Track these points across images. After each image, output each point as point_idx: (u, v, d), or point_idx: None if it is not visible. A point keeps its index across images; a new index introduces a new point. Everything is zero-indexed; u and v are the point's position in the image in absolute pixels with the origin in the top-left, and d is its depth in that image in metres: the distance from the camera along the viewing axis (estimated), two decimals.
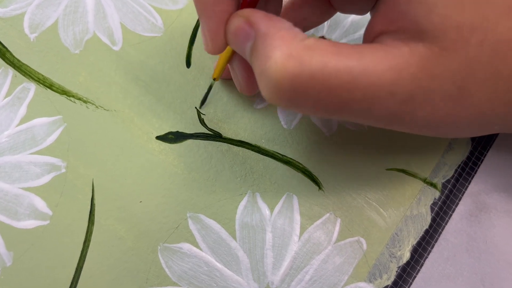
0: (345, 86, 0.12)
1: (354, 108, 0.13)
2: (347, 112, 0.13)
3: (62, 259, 0.19)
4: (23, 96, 0.22)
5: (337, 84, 0.12)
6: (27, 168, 0.20)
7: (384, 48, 0.13)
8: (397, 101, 0.13)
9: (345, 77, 0.12)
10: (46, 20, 0.23)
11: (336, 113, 0.13)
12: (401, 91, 0.13)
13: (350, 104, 0.13)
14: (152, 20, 0.24)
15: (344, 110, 0.13)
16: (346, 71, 0.12)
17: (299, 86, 0.13)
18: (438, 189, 0.21)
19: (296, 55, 0.12)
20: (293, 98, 0.13)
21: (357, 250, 0.20)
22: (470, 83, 0.13)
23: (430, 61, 0.12)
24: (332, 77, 0.12)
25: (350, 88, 0.12)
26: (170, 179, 0.20)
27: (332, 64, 0.12)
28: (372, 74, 0.12)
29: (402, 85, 0.13)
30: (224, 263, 0.19)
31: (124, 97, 0.22)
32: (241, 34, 0.14)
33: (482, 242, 0.20)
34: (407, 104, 0.13)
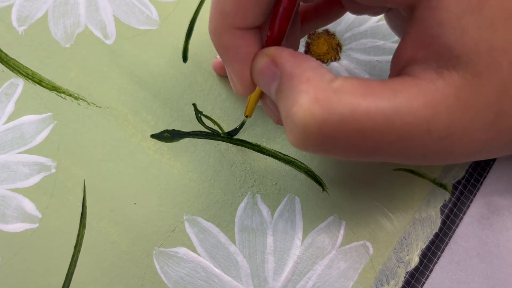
0: (378, 128, 0.12)
1: (389, 150, 0.13)
2: (382, 155, 0.13)
3: (52, 264, 0.18)
4: (11, 92, 0.21)
5: (369, 127, 0.12)
6: (15, 168, 0.19)
7: (416, 83, 0.12)
8: (434, 139, 0.12)
9: (377, 119, 0.12)
10: (35, 13, 0.22)
11: (369, 156, 0.13)
12: (439, 128, 0.12)
13: (384, 147, 0.13)
14: (147, 13, 0.23)
15: (378, 153, 0.13)
16: (378, 113, 0.12)
17: (328, 131, 0.12)
18: (448, 190, 0.21)
19: (323, 99, 0.12)
20: (322, 143, 0.13)
21: (362, 255, 0.19)
22: (506, 106, 0.12)
23: (466, 90, 0.12)
24: (364, 120, 0.12)
25: (383, 130, 0.12)
26: (166, 180, 0.20)
27: (362, 106, 0.12)
28: (407, 113, 0.12)
29: (439, 121, 0.12)
30: (223, 268, 0.18)
31: (117, 94, 0.21)
32: (267, 74, 0.14)
33: (494, 246, 0.19)
34: (446, 141, 0.13)
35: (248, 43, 0.14)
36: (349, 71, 0.23)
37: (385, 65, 0.23)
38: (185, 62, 0.22)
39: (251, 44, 0.14)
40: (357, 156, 0.13)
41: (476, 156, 0.14)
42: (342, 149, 0.13)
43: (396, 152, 0.13)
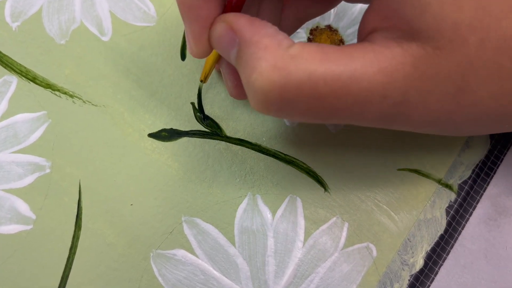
0: (334, 93, 0.12)
1: (345, 114, 0.13)
2: (339, 118, 0.13)
3: (46, 267, 0.18)
4: (4, 90, 0.20)
5: (326, 91, 0.12)
6: (9, 168, 0.19)
7: (374, 49, 0.13)
8: (390, 104, 0.13)
9: (333, 84, 0.12)
10: (29, 8, 0.22)
11: (327, 119, 0.14)
12: (394, 94, 0.13)
13: (341, 110, 0.13)
14: (144, 9, 0.23)
15: (335, 116, 0.13)
16: (334, 78, 0.12)
17: (287, 96, 0.13)
18: (454, 191, 0.20)
19: (281, 66, 0.12)
20: (282, 108, 0.13)
21: (366, 257, 0.19)
22: (471, 82, 0.13)
23: (424, 61, 0.12)
24: (320, 85, 0.12)
25: (339, 95, 0.13)
26: (164, 180, 0.19)
27: (319, 71, 0.12)
28: (362, 78, 0.12)
29: (395, 88, 0.13)
30: (222, 271, 0.18)
31: (113, 92, 0.21)
32: (225, 41, 0.14)
33: (501, 248, 0.19)
34: (400, 106, 0.13)
35: (210, 6, 0.15)
36: None
37: None
38: (183, 59, 0.22)
39: (213, 8, 0.15)
40: (316, 119, 0.14)
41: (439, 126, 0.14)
42: (301, 113, 0.13)
43: (353, 116, 0.13)
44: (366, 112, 0.13)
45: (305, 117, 0.14)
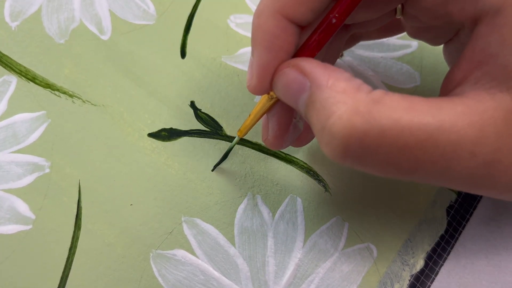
0: (420, 144, 0.12)
1: (429, 170, 0.12)
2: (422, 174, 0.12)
3: (46, 267, 0.18)
4: (4, 89, 0.20)
5: (411, 142, 0.12)
6: (8, 168, 0.19)
7: (464, 102, 0.12)
8: (479, 162, 0.12)
9: (420, 135, 0.11)
10: (28, 7, 0.22)
11: (408, 174, 0.12)
12: (484, 151, 0.12)
13: (425, 165, 0.12)
14: (144, 7, 0.22)
15: (418, 171, 0.12)
16: (420, 128, 0.11)
17: (368, 144, 0.12)
18: (455, 191, 0.20)
19: (363, 110, 0.12)
20: (361, 157, 0.12)
21: (366, 258, 0.19)
22: None
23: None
24: (405, 134, 0.11)
25: (426, 147, 0.12)
26: (164, 180, 0.19)
27: (404, 120, 0.11)
28: (451, 131, 0.11)
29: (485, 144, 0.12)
30: (222, 271, 0.18)
31: (113, 91, 0.21)
32: (295, 86, 0.13)
33: (502, 249, 0.19)
34: (490, 167, 0.12)
35: (287, 38, 0.14)
36: (352, 68, 0.22)
37: (389, 62, 0.22)
38: (183, 58, 0.22)
39: (289, 40, 0.14)
40: (397, 174, 0.13)
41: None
42: (381, 164, 0.12)
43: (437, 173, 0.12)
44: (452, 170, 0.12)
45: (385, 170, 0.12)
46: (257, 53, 0.14)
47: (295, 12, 0.13)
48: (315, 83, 0.13)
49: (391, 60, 0.22)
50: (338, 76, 0.13)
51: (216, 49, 0.22)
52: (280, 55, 0.14)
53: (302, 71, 0.13)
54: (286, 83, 0.14)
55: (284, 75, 0.14)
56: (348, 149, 0.12)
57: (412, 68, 0.22)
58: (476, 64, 0.12)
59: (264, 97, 0.16)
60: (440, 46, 0.18)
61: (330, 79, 0.13)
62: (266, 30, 0.14)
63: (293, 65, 0.14)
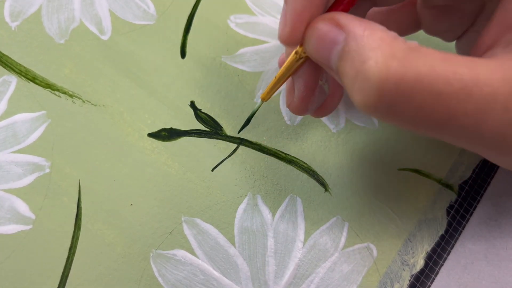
0: (456, 94, 0.11)
1: (461, 123, 0.12)
2: (453, 127, 0.12)
3: (46, 268, 0.18)
4: (4, 89, 0.20)
5: (446, 90, 0.11)
6: (8, 168, 0.19)
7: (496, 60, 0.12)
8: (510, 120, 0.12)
9: (455, 85, 0.11)
10: (28, 7, 0.22)
11: (439, 127, 0.12)
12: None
13: (458, 117, 0.12)
14: (144, 7, 0.22)
15: (450, 123, 0.12)
16: (456, 78, 0.11)
17: (403, 89, 0.11)
18: (455, 191, 0.20)
19: (400, 56, 0.11)
20: (395, 104, 0.12)
21: (366, 257, 0.18)
22: None
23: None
24: (441, 83, 0.11)
25: (460, 97, 0.11)
26: (164, 180, 0.19)
27: (441, 68, 0.11)
28: (485, 83, 0.11)
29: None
30: (222, 271, 0.18)
31: (113, 91, 0.21)
32: (328, 38, 0.13)
33: (502, 249, 0.19)
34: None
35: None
36: None
37: None
38: (183, 58, 0.22)
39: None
40: (427, 125, 0.12)
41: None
42: (414, 113, 0.12)
43: (469, 127, 0.12)
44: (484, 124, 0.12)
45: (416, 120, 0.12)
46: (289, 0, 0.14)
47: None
48: (351, 34, 0.12)
49: None
50: (374, 27, 0.12)
51: (216, 49, 0.22)
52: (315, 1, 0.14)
53: (337, 23, 0.13)
54: (319, 36, 0.13)
55: (317, 29, 0.13)
56: (382, 94, 0.12)
57: None
58: (506, 27, 0.12)
59: (292, 57, 0.15)
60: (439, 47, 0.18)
61: (366, 29, 0.12)
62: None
63: (328, 18, 0.13)
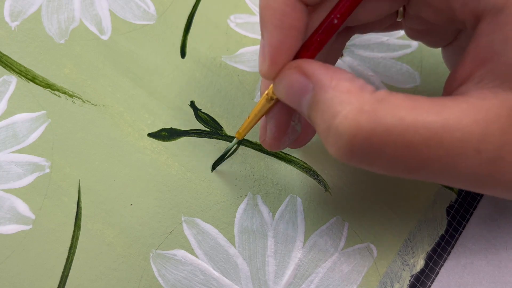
0: (426, 142, 0.12)
1: (434, 167, 0.12)
2: (427, 171, 0.12)
3: (45, 267, 0.18)
4: (4, 89, 0.20)
5: (416, 140, 0.12)
6: (8, 168, 0.19)
7: (468, 100, 0.12)
8: (483, 160, 0.12)
9: (425, 133, 0.12)
10: (28, 7, 0.22)
11: (414, 172, 0.13)
12: (489, 148, 0.12)
13: (430, 163, 0.12)
14: (144, 7, 0.22)
15: (424, 169, 0.12)
16: (425, 126, 0.12)
17: (374, 142, 0.12)
18: (455, 191, 0.20)
19: (368, 109, 0.12)
20: (367, 155, 0.12)
21: (366, 258, 0.18)
22: None
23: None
24: (410, 132, 0.12)
25: (431, 145, 0.12)
26: (164, 180, 0.19)
27: (409, 118, 0.12)
28: (456, 128, 0.12)
29: (490, 142, 0.12)
30: (222, 271, 0.18)
31: (113, 91, 0.21)
32: (297, 87, 0.13)
33: (502, 249, 0.19)
34: (494, 165, 0.12)
35: (296, 15, 0.14)
36: (352, 68, 0.22)
37: (389, 62, 0.22)
38: (183, 58, 0.22)
39: (298, 18, 0.14)
40: (402, 172, 0.13)
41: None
42: (387, 163, 0.12)
43: (442, 171, 0.12)
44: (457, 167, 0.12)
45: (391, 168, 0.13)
46: (267, 33, 0.14)
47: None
48: (319, 84, 0.13)
49: (391, 60, 0.22)
50: (340, 77, 0.13)
51: (216, 49, 0.22)
52: (292, 34, 0.14)
53: (304, 72, 0.13)
54: (288, 85, 0.14)
55: (286, 77, 0.14)
56: (354, 148, 0.12)
57: (412, 68, 0.22)
58: (479, 62, 0.12)
59: (263, 98, 0.15)
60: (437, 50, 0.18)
61: (333, 79, 0.13)
62: (274, 8, 0.14)
63: (294, 66, 0.14)
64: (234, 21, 0.23)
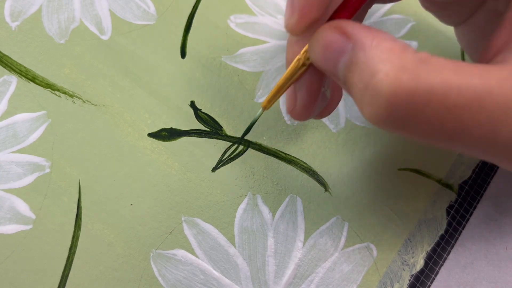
0: (468, 105, 0.11)
1: (475, 134, 0.12)
2: (467, 139, 0.12)
3: (46, 267, 0.18)
4: (4, 89, 0.20)
5: (459, 102, 0.11)
6: (8, 168, 0.19)
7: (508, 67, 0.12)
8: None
9: (468, 96, 0.11)
10: (28, 7, 0.22)
11: (452, 139, 0.12)
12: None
13: (471, 128, 0.11)
14: (144, 7, 0.22)
15: (463, 135, 0.12)
16: (469, 89, 0.11)
17: (415, 102, 0.11)
18: (455, 191, 0.20)
19: (411, 68, 0.11)
20: (407, 117, 0.12)
21: (366, 257, 0.18)
22: None
23: None
24: (453, 94, 0.11)
25: (474, 109, 0.11)
26: (164, 180, 0.19)
27: (453, 80, 0.11)
28: (499, 93, 0.11)
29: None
30: (222, 271, 0.18)
31: (113, 91, 0.21)
32: (334, 48, 0.13)
33: (502, 249, 0.19)
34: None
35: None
36: None
37: None
38: (183, 58, 0.22)
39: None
40: (440, 137, 0.12)
41: None
42: (426, 126, 0.12)
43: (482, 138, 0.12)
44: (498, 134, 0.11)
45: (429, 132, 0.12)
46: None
47: None
48: (359, 43, 0.12)
49: None
50: (383, 37, 0.12)
51: (216, 49, 0.22)
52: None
53: (344, 32, 0.13)
54: (325, 45, 0.13)
55: (324, 37, 0.13)
56: (393, 108, 0.11)
57: None
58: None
59: (294, 64, 0.15)
60: (439, 47, 0.18)
61: (374, 39, 0.12)
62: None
63: (334, 26, 0.13)
64: (234, 21, 0.23)
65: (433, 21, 0.23)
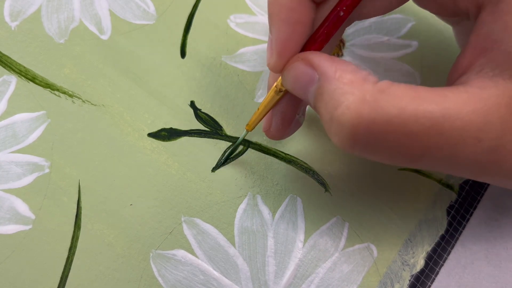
0: (426, 131, 0.12)
1: (435, 156, 0.12)
2: (428, 160, 0.13)
3: (45, 267, 0.18)
4: (3, 89, 0.20)
5: (417, 129, 0.12)
6: (8, 168, 0.19)
7: (468, 90, 0.12)
8: (484, 149, 0.12)
9: (425, 122, 0.12)
10: (28, 7, 0.22)
11: (415, 161, 0.13)
12: (489, 137, 0.12)
13: (431, 151, 0.12)
14: (144, 7, 0.22)
15: (425, 157, 0.13)
16: (426, 116, 0.12)
17: (376, 131, 0.12)
18: (455, 191, 0.20)
19: (370, 100, 0.12)
20: (368, 144, 0.13)
21: (366, 258, 0.18)
22: None
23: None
24: (411, 122, 0.12)
25: (431, 134, 0.12)
26: (163, 180, 0.19)
27: (410, 108, 0.12)
28: (456, 117, 0.12)
29: (490, 130, 0.12)
30: (222, 271, 0.18)
31: (113, 91, 0.21)
32: (305, 78, 0.14)
33: (502, 249, 0.19)
34: (495, 153, 0.12)
35: (303, 10, 0.14)
36: None
37: (389, 62, 0.22)
38: (183, 58, 0.22)
39: (305, 13, 0.14)
40: (404, 160, 0.13)
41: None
42: (389, 151, 0.13)
43: (443, 159, 0.12)
44: (458, 156, 0.12)
45: (393, 157, 0.13)
46: (275, 28, 0.14)
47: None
48: (324, 75, 0.13)
49: (391, 60, 0.22)
50: (344, 68, 0.13)
51: (216, 49, 0.22)
52: (298, 28, 0.14)
53: (311, 64, 0.14)
54: (295, 76, 0.14)
55: (293, 69, 0.14)
56: (356, 138, 0.12)
57: (412, 68, 0.22)
58: (480, 51, 0.13)
59: (272, 91, 0.16)
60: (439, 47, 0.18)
61: (337, 71, 0.13)
62: (282, 4, 0.14)
63: (302, 58, 0.14)
64: (234, 21, 0.23)
65: (433, 21, 0.23)
